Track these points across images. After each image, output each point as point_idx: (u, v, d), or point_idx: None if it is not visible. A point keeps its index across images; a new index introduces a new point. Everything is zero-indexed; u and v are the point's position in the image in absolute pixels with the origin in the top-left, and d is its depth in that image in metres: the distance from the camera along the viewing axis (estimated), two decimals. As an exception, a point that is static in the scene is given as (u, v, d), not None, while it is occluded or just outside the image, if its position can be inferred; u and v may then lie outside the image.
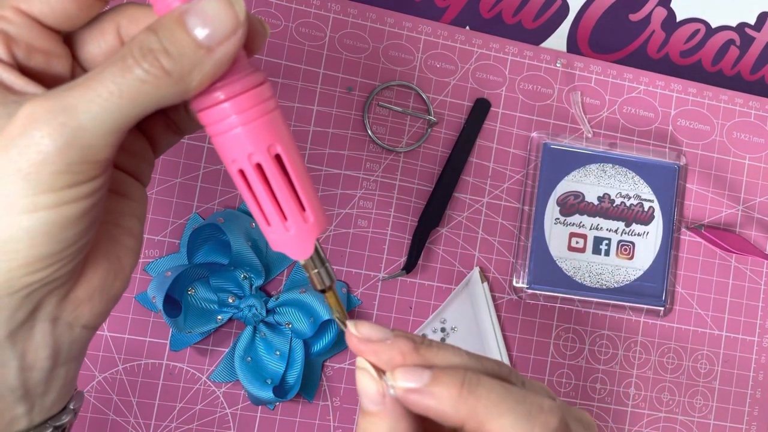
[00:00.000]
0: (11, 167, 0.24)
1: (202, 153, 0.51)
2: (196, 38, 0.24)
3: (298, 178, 0.27)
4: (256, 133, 0.26)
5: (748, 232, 0.57)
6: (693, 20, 0.59)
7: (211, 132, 0.26)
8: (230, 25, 0.24)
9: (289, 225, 0.27)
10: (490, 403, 0.26)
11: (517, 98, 0.55)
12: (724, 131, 0.57)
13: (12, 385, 0.27)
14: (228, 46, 0.25)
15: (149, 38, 0.24)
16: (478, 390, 0.26)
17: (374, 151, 0.53)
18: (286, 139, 0.27)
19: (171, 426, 0.50)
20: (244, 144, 0.26)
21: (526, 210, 0.54)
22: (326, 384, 0.52)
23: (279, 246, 0.28)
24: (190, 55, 0.24)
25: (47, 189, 0.24)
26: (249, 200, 0.27)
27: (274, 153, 0.27)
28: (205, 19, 0.24)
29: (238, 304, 0.49)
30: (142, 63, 0.24)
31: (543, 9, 0.57)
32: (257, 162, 0.26)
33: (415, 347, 0.28)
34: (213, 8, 0.24)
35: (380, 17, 0.54)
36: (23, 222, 0.24)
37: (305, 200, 0.27)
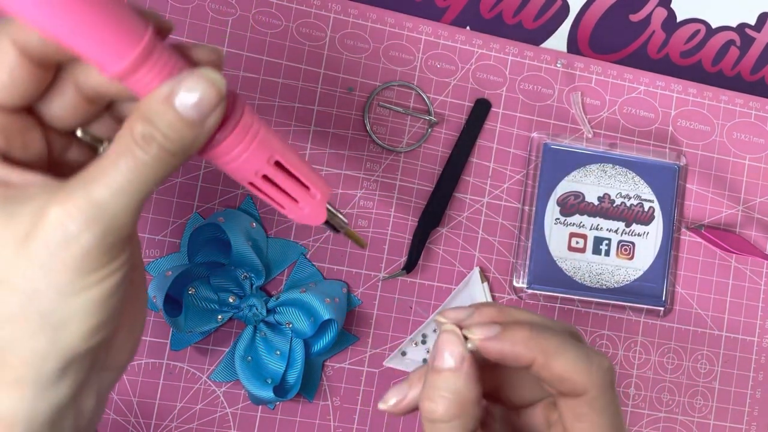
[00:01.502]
0: (58, 263, 0.27)
1: (203, 153, 0.51)
2: (188, 120, 0.27)
3: (297, 169, 0.31)
4: (256, 156, 0.30)
5: (748, 233, 0.57)
6: (693, 21, 0.59)
7: (218, 164, 0.30)
8: (215, 99, 0.27)
9: (302, 205, 0.32)
10: (556, 343, 0.30)
11: (518, 98, 0.55)
12: (724, 132, 0.57)
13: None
14: (216, 115, 0.28)
15: (146, 127, 0.27)
16: (545, 333, 0.30)
17: (374, 151, 0.53)
18: (278, 145, 0.31)
19: (171, 425, 0.50)
20: (251, 166, 0.30)
21: (526, 210, 0.54)
22: (326, 384, 0.52)
23: (299, 221, 0.33)
24: (187, 134, 0.27)
25: (92, 272, 0.27)
26: (265, 199, 0.32)
27: (274, 162, 0.31)
28: (193, 101, 0.27)
29: (238, 303, 0.49)
30: (149, 151, 0.27)
31: (543, 9, 0.57)
32: (263, 174, 0.31)
33: (499, 309, 0.31)
34: (197, 89, 0.27)
35: (381, 17, 0.54)
36: (77, 302, 0.27)
37: (307, 182, 0.32)
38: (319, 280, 0.51)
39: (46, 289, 0.27)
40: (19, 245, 0.27)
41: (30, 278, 0.27)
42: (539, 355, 0.29)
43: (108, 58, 0.27)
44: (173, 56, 0.28)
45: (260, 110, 0.52)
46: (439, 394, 0.30)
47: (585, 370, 0.29)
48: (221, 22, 0.52)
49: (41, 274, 0.27)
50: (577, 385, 0.30)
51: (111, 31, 0.26)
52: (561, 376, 0.30)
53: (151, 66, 0.27)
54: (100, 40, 0.26)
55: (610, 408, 0.30)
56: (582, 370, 0.29)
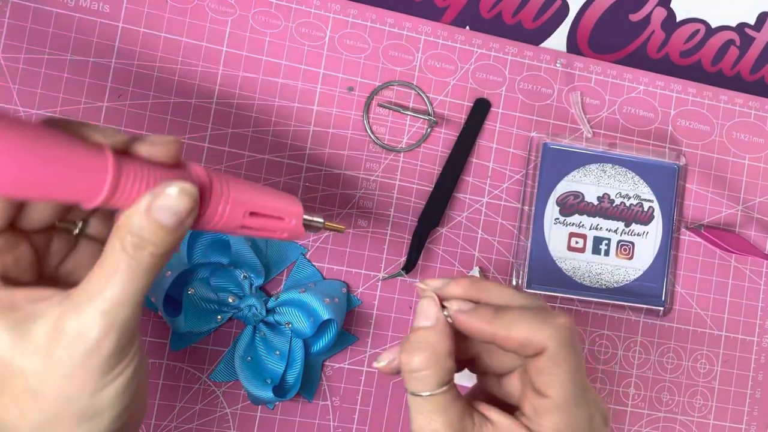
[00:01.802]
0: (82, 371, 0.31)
1: (203, 153, 0.51)
2: (170, 227, 0.31)
3: (269, 208, 0.36)
4: (232, 217, 0.35)
5: (748, 232, 0.57)
6: (693, 20, 0.59)
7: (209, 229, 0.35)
8: (190, 205, 0.31)
9: (281, 234, 0.38)
10: (513, 315, 0.34)
11: (517, 98, 0.55)
12: (723, 131, 0.57)
13: None
14: (193, 216, 0.32)
15: (136, 239, 0.31)
16: (506, 313, 0.34)
17: (374, 151, 0.53)
18: (248, 197, 0.35)
19: (171, 425, 0.50)
20: (232, 225, 0.35)
21: (525, 210, 0.54)
22: (326, 383, 0.52)
23: (285, 240, 0.38)
24: (171, 238, 0.31)
25: (113, 369, 0.31)
26: (253, 236, 0.37)
27: (249, 213, 0.35)
28: (172, 211, 0.31)
29: (238, 303, 0.49)
30: (142, 259, 0.31)
31: (543, 9, 0.57)
32: (242, 225, 0.35)
33: (472, 283, 0.36)
34: (173, 201, 0.31)
35: (380, 17, 0.54)
36: (105, 396, 0.32)
37: (280, 213, 0.37)
38: (319, 280, 0.51)
39: (76, 393, 0.31)
40: (44, 359, 0.30)
41: (61, 386, 0.30)
42: (500, 329, 0.34)
43: (83, 197, 0.29)
44: (143, 168, 0.31)
45: (260, 110, 0.52)
46: (415, 347, 0.35)
47: (540, 330, 0.33)
48: (221, 22, 0.52)
49: (70, 382, 0.30)
50: (536, 345, 0.34)
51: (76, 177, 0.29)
52: (520, 342, 0.34)
53: (124, 185, 0.30)
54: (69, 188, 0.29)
55: (567, 360, 0.33)
56: (538, 331, 0.33)
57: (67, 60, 0.50)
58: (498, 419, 0.35)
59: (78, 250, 0.37)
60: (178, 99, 0.51)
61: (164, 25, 0.51)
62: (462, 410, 0.35)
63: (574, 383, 0.34)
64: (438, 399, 0.34)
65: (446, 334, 0.35)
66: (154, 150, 0.32)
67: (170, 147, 0.32)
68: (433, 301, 0.36)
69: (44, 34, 0.49)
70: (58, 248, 0.36)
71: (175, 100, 0.51)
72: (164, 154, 0.32)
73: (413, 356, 0.35)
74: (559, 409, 0.34)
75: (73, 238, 0.36)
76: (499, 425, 0.35)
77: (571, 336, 0.34)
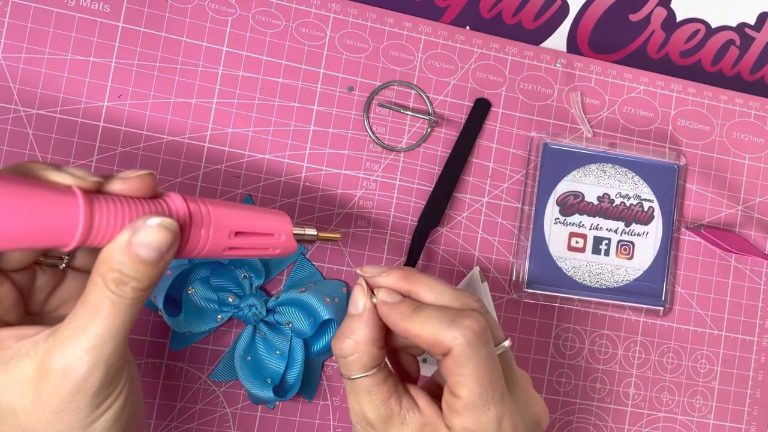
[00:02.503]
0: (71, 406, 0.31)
1: (203, 153, 0.51)
2: (151, 261, 0.31)
3: (254, 226, 0.36)
4: (217, 240, 0.35)
5: (748, 232, 0.57)
6: (693, 20, 0.59)
7: (194, 255, 0.34)
8: (169, 238, 0.31)
9: (272, 251, 0.37)
10: (424, 316, 0.36)
11: (517, 98, 0.55)
12: (723, 131, 0.57)
13: None
14: (174, 249, 0.32)
15: (117, 275, 0.30)
16: (423, 311, 0.36)
17: (374, 151, 0.53)
18: (230, 218, 0.35)
19: (171, 425, 0.50)
20: (219, 248, 0.35)
21: (525, 210, 0.54)
22: (326, 383, 0.52)
23: (278, 257, 0.38)
24: (152, 272, 0.31)
25: (102, 403, 0.32)
26: (239, 257, 0.37)
27: (233, 234, 0.35)
28: (152, 245, 0.31)
29: (238, 303, 0.49)
30: (125, 294, 0.31)
31: (543, 9, 0.57)
32: (230, 246, 0.35)
33: (405, 275, 0.38)
34: (153, 236, 0.31)
35: (380, 17, 0.54)
36: (97, 427, 0.32)
37: (267, 230, 0.37)
38: (319, 279, 0.51)
39: (67, 429, 0.31)
40: (33, 397, 0.30)
41: (51, 423, 0.31)
42: (412, 327, 0.36)
43: (58, 242, 0.29)
44: (117, 204, 0.31)
45: (260, 110, 0.52)
46: (342, 334, 0.37)
47: (446, 331, 0.35)
48: (221, 22, 0.52)
49: (60, 419, 0.30)
50: (441, 346, 0.35)
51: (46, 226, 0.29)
52: (428, 341, 0.35)
53: (99, 224, 0.30)
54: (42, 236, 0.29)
55: (472, 363, 0.35)
56: (443, 332, 0.35)
57: (67, 60, 0.50)
58: (425, 407, 0.37)
59: (65, 283, 0.36)
60: (178, 99, 0.51)
61: (164, 25, 0.51)
62: (389, 393, 0.37)
63: (481, 385, 0.35)
64: (364, 381, 0.36)
65: (372, 322, 0.37)
66: (127, 186, 0.32)
67: (143, 181, 0.32)
68: (362, 289, 0.38)
69: (44, 34, 0.49)
70: (44, 283, 0.35)
71: (175, 100, 0.51)
72: (139, 189, 0.32)
73: (340, 342, 0.37)
74: (467, 409, 0.35)
75: (59, 272, 0.36)
76: (425, 413, 0.37)
77: (477, 338, 0.35)
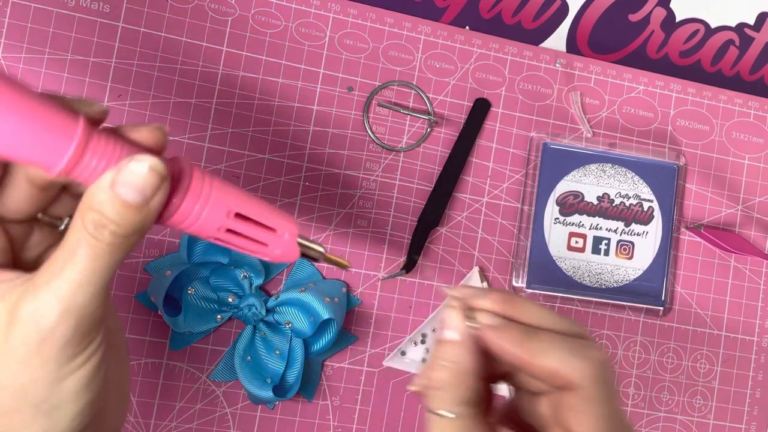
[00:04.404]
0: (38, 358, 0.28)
1: (203, 153, 0.51)
2: (134, 204, 0.28)
3: (259, 215, 0.32)
4: (213, 214, 0.31)
5: (747, 232, 0.57)
6: (692, 20, 0.59)
7: (183, 228, 0.31)
8: (156, 181, 0.28)
9: (272, 248, 0.33)
10: (544, 343, 0.31)
11: (517, 98, 0.55)
12: (723, 131, 0.57)
13: None
14: (160, 195, 0.29)
15: (96, 216, 0.28)
16: (538, 337, 0.31)
17: (374, 151, 0.53)
18: (233, 197, 0.31)
19: (171, 425, 0.50)
20: (211, 225, 0.31)
21: (525, 210, 0.54)
22: (326, 383, 0.52)
23: (274, 260, 0.33)
24: (135, 218, 0.28)
25: (72, 359, 0.29)
26: (235, 248, 0.32)
27: (234, 214, 0.31)
28: (135, 187, 0.28)
29: (237, 303, 0.49)
30: (103, 239, 0.28)
31: (542, 9, 0.57)
32: (227, 227, 0.31)
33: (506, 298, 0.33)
34: (138, 177, 0.28)
35: (380, 17, 0.54)
36: (64, 388, 0.29)
37: (271, 224, 0.32)
38: (319, 279, 0.51)
39: (32, 383, 0.29)
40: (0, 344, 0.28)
41: (16, 374, 0.29)
42: (529, 355, 0.31)
43: (46, 159, 0.27)
44: (114, 142, 0.29)
45: (260, 110, 0.52)
46: (439, 363, 0.32)
47: (573, 363, 0.31)
48: (221, 22, 0.52)
49: (25, 370, 0.28)
50: (567, 380, 0.31)
51: (41, 136, 0.27)
52: (550, 372, 0.31)
53: (91, 157, 0.28)
54: (33, 146, 0.27)
55: (603, 400, 0.31)
56: (570, 364, 0.31)
57: (67, 60, 0.50)
58: None
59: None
60: (178, 99, 0.51)
61: (164, 25, 0.51)
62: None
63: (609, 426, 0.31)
64: (457, 421, 0.32)
65: (472, 350, 0.32)
66: (136, 133, 0.30)
67: (154, 133, 0.30)
68: (459, 312, 0.33)
69: (44, 34, 0.49)
70: (38, 241, 0.34)
71: (175, 100, 0.51)
72: (146, 138, 0.30)
73: (438, 372, 0.32)
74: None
75: (57, 233, 0.35)
76: None
77: (605, 374, 0.31)
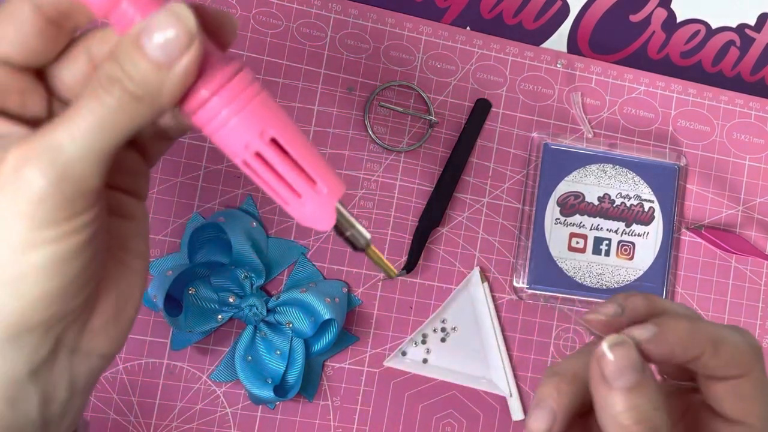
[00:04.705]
0: (10, 209, 0.25)
1: (203, 153, 0.51)
2: (154, 60, 0.25)
3: (300, 154, 0.27)
4: (245, 124, 0.26)
5: (748, 233, 0.57)
6: (693, 21, 0.59)
7: (206, 133, 0.27)
8: (183, 40, 0.25)
9: (305, 201, 0.27)
10: (717, 330, 0.28)
11: (518, 99, 0.55)
12: (724, 132, 0.57)
13: (33, 419, 0.28)
14: (186, 60, 0.25)
15: (112, 67, 0.25)
16: (702, 322, 0.28)
17: (375, 151, 0.53)
18: (278, 120, 0.27)
19: (171, 425, 0.50)
20: (240, 137, 0.26)
21: (526, 210, 0.54)
22: (326, 384, 0.52)
23: (303, 221, 0.28)
24: (152, 78, 0.25)
25: (48, 224, 0.25)
26: (262, 186, 0.27)
27: (269, 138, 0.27)
28: (159, 39, 0.24)
29: (238, 303, 0.49)
30: (112, 92, 0.25)
31: (543, 10, 0.57)
32: (256, 151, 0.27)
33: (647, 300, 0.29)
34: (164, 28, 0.25)
35: (381, 17, 0.54)
36: (30, 259, 0.25)
37: (313, 173, 0.27)
38: (320, 279, 0.51)
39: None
40: None
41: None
42: (708, 346, 0.27)
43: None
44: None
45: (261, 110, 0.52)
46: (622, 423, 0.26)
47: (747, 351, 0.28)
48: (222, 22, 0.52)
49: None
50: (743, 367, 0.28)
51: None
52: (728, 362, 0.28)
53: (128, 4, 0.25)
54: None
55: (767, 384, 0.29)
56: (745, 352, 0.28)
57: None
58: None
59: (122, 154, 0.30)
60: (179, 99, 0.51)
61: (165, 25, 0.51)
62: None
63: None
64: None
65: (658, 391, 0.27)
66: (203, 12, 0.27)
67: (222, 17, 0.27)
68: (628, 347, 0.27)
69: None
70: None
71: (176, 100, 0.51)
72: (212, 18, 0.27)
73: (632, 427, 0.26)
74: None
75: None
76: None
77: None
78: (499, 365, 0.53)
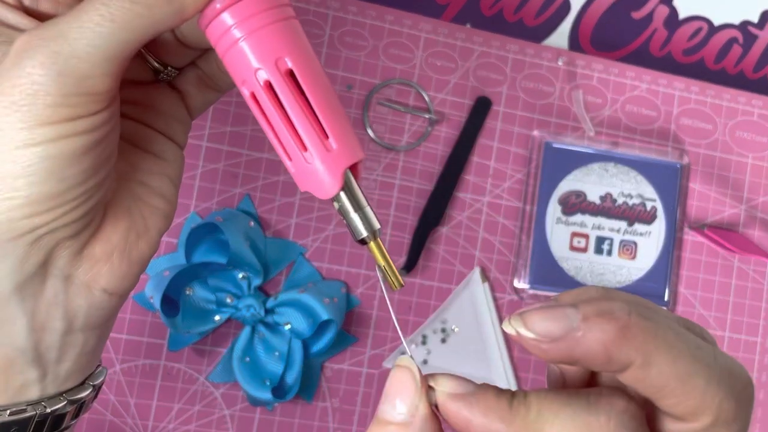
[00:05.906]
0: (5, 100, 0.23)
1: (200, 152, 0.50)
2: None
3: (318, 98, 0.23)
4: (260, 45, 0.22)
5: (751, 232, 0.57)
6: (695, 18, 0.58)
7: (219, 53, 0.24)
8: None
9: (310, 155, 0.23)
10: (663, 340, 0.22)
11: (519, 96, 0.54)
12: (726, 130, 0.57)
13: (21, 345, 0.26)
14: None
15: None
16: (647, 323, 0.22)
17: (374, 150, 0.53)
18: (301, 51, 0.23)
19: (169, 427, 0.49)
20: (249, 58, 0.23)
21: (527, 209, 0.54)
22: (325, 385, 0.51)
23: (302, 183, 0.23)
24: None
25: (44, 122, 0.23)
26: (264, 128, 0.24)
27: (285, 68, 0.23)
28: None
29: (236, 304, 0.48)
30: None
31: (544, 6, 0.56)
32: (266, 80, 0.23)
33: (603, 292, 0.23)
34: None
35: (380, 15, 0.53)
36: (21, 157, 0.23)
37: (327, 125, 0.23)
38: (318, 280, 0.51)
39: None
40: None
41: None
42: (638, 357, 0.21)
43: None
44: None
45: (259, 108, 0.51)
46: None
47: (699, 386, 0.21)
48: (219, 20, 0.51)
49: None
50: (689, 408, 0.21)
51: None
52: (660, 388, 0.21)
53: None
54: None
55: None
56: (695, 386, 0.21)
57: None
58: None
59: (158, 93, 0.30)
60: (176, 97, 0.50)
61: (162, 22, 0.50)
62: None
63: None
64: None
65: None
66: None
67: None
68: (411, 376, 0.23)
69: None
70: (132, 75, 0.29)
71: (173, 99, 0.50)
72: None
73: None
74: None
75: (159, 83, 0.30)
76: None
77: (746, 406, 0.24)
78: (499, 366, 0.52)
